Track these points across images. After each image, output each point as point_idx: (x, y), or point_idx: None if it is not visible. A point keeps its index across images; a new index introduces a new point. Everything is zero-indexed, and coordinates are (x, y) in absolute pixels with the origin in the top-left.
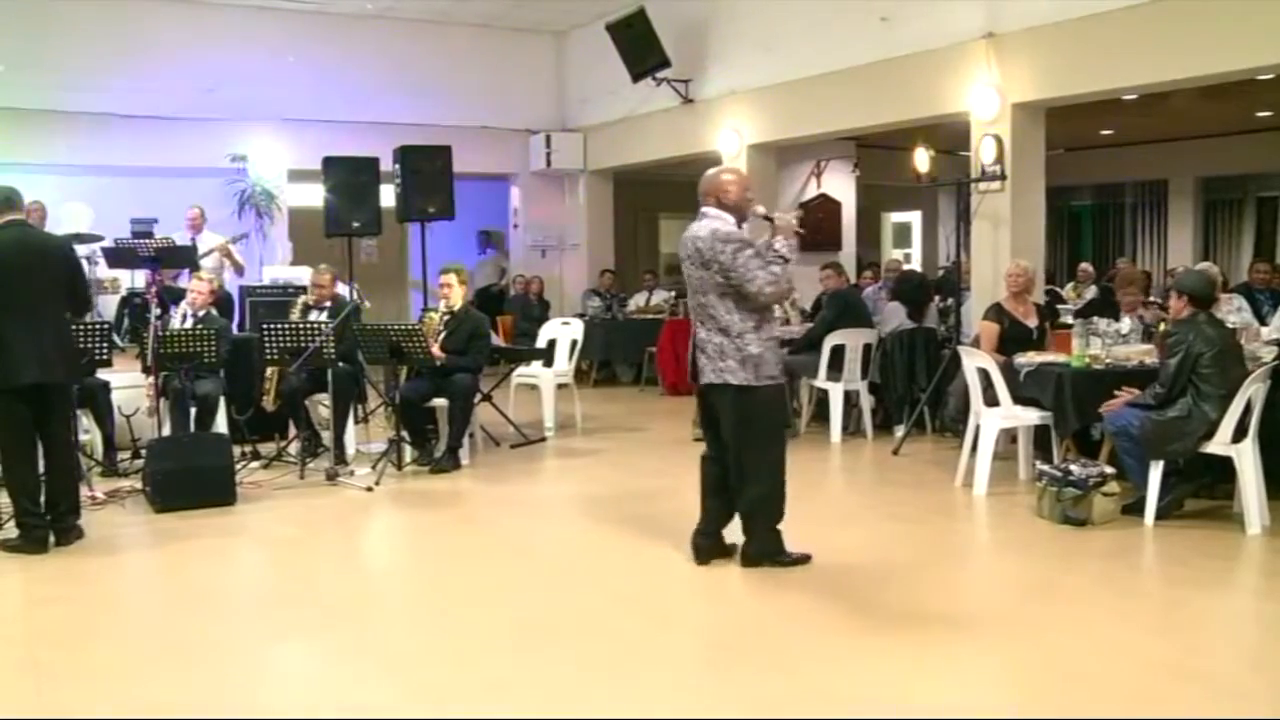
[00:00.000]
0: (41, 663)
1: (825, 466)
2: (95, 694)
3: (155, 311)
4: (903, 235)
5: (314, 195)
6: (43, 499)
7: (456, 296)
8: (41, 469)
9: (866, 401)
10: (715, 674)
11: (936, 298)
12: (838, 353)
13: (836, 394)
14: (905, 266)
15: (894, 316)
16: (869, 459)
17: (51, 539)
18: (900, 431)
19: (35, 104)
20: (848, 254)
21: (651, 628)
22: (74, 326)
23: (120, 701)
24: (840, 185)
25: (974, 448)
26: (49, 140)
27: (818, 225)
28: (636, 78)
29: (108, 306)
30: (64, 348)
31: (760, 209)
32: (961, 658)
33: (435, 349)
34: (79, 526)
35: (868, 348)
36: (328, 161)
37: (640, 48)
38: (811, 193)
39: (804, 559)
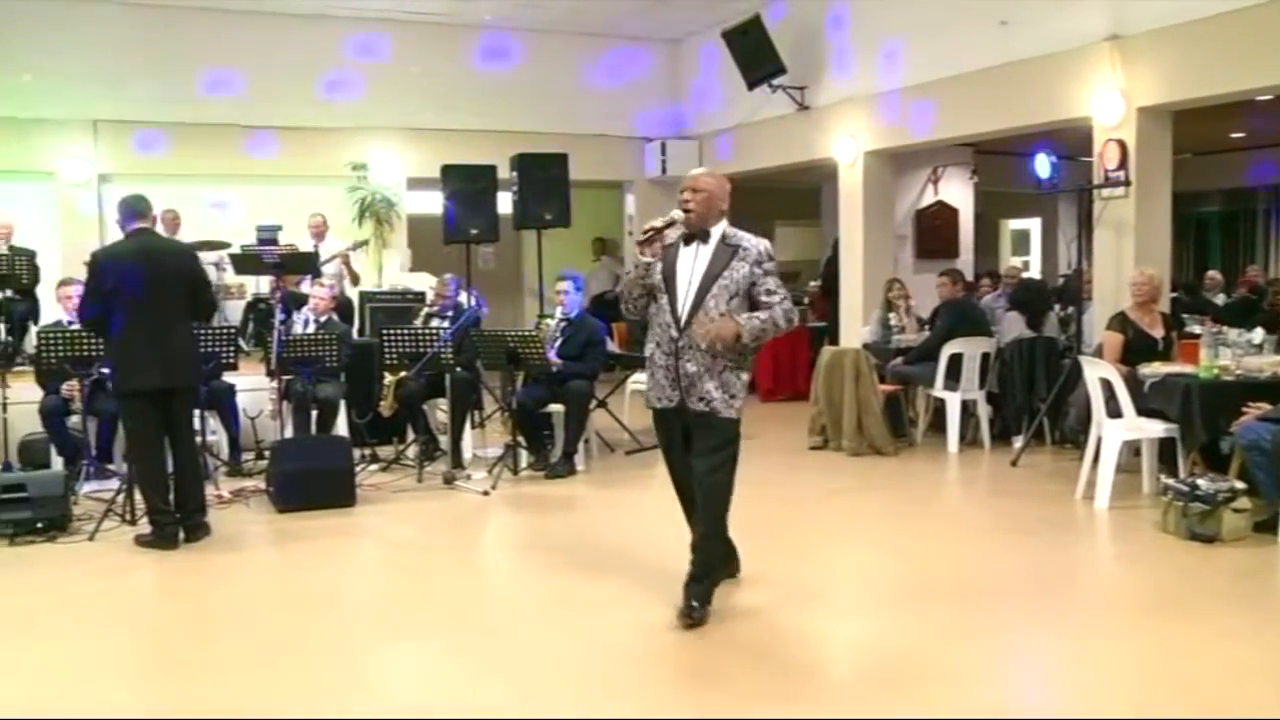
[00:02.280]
0: (173, 653)
1: (941, 477)
2: (220, 685)
3: (279, 316)
4: (1021, 242)
5: (432, 203)
6: (172, 497)
7: (572, 303)
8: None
9: (984, 411)
10: (826, 687)
11: (1057, 306)
12: (955, 362)
13: (954, 403)
14: (1024, 274)
15: (1013, 325)
16: (986, 470)
17: (181, 535)
18: (1019, 442)
19: (169, 116)
20: (965, 262)
21: (766, 638)
22: (201, 331)
23: (242, 692)
24: (957, 192)
25: (1095, 460)
26: (181, 150)
27: (935, 233)
28: (752, 85)
29: (234, 311)
30: (187, 353)
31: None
32: (1080, 675)
33: (550, 355)
34: (206, 524)
35: (985, 357)
36: (446, 169)
37: (756, 55)
38: (929, 200)
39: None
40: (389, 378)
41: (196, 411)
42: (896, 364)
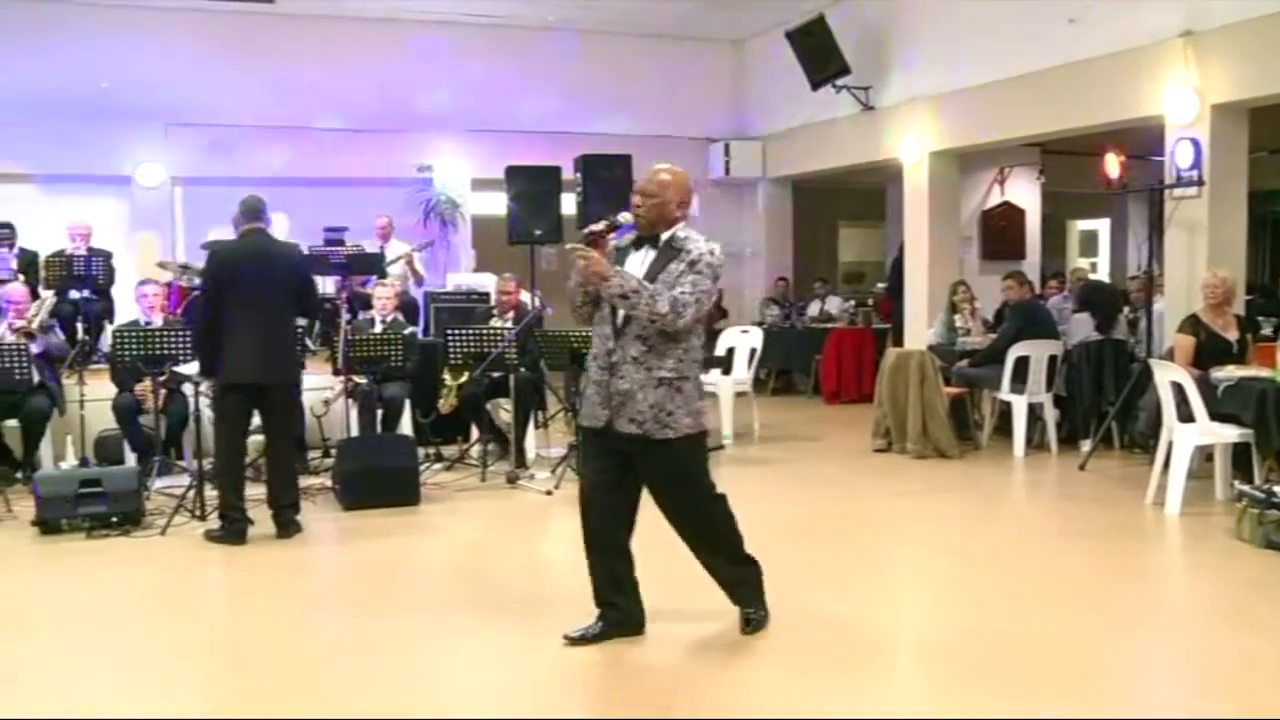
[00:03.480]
0: (241, 647)
1: (1007, 480)
2: (288, 680)
3: (345, 316)
4: (1089, 244)
5: (497, 204)
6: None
7: None
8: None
9: (1051, 415)
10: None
11: (1126, 308)
12: (1021, 364)
13: (1020, 406)
14: (1091, 276)
15: (1081, 327)
16: (1053, 474)
17: (249, 530)
18: (1086, 446)
19: (239, 119)
20: (1031, 263)
21: (835, 640)
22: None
23: (307, 687)
24: (1024, 192)
25: (1166, 465)
26: (252, 153)
27: (1000, 234)
28: (816, 85)
29: None
30: (286, 351)
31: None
32: (1148, 682)
33: None
34: (298, 521)
35: (1053, 359)
36: (510, 171)
37: (820, 55)
38: (994, 200)
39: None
40: (450, 377)
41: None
42: (962, 366)
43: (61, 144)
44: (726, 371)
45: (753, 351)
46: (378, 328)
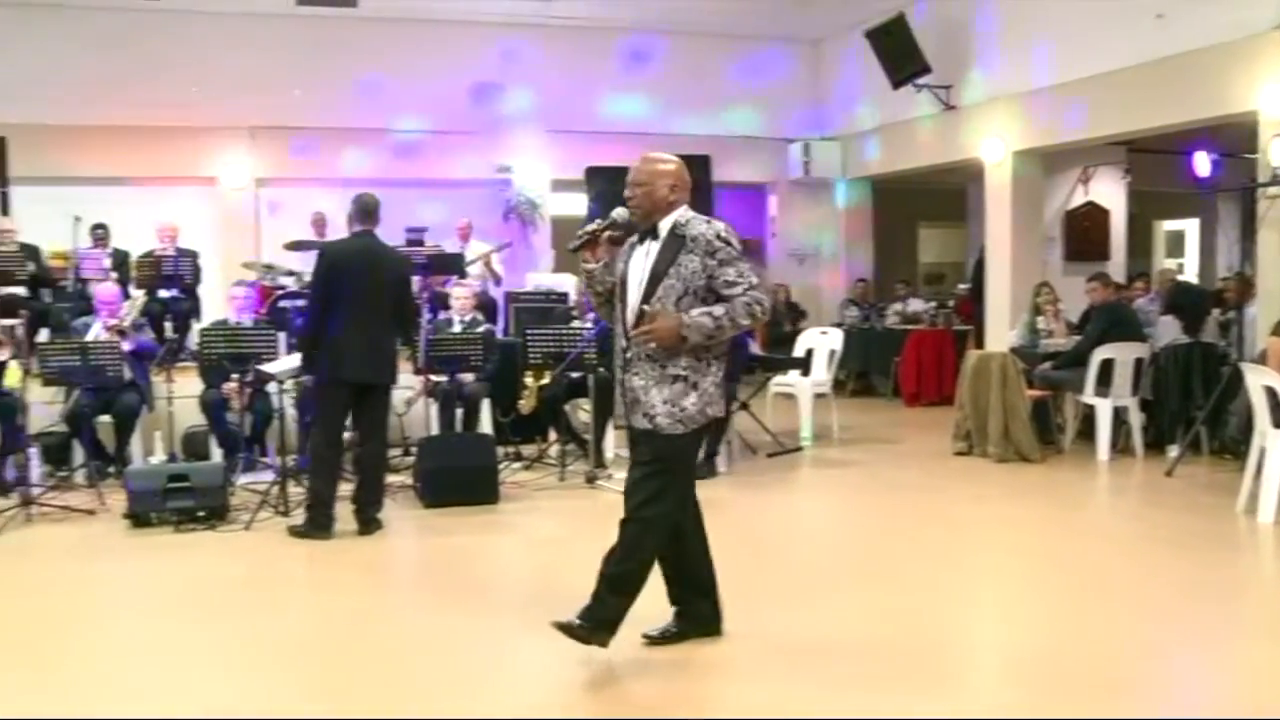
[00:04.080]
0: (325, 644)
1: (1091, 485)
2: (366, 674)
3: (426, 316)
4: (1176, 244)
5: (577, 204)
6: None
7: None
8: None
9: (1137, 419)
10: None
11: (1215, 310)
12: (1106, 367)
13: (1104, 410)
14: (1179, 277)
15: (1168, 330)
16: (1139, 479)
17: (333, 526)
18: (1174, 451)
19: (321, 122)
20: (1116, 264)
21: (913, 644)
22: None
23: (387, 681)
24: (1109, 192)
25: (1258, 472)
26: (335, 155)
27: (1085, 234)
28: (897, 85)
29: None
30: (387, 352)
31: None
32: (1232, 700)
33: None
34: (379, 519)
35: (1139, 362)
36: (590, 171)
37: (900, 54)
38: (1079, 200)
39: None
40: (530, 377)
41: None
42: (1044, 369)
43: (151, 147)
44: (806, 373)
45: (832, 353)
46: (456, 327)
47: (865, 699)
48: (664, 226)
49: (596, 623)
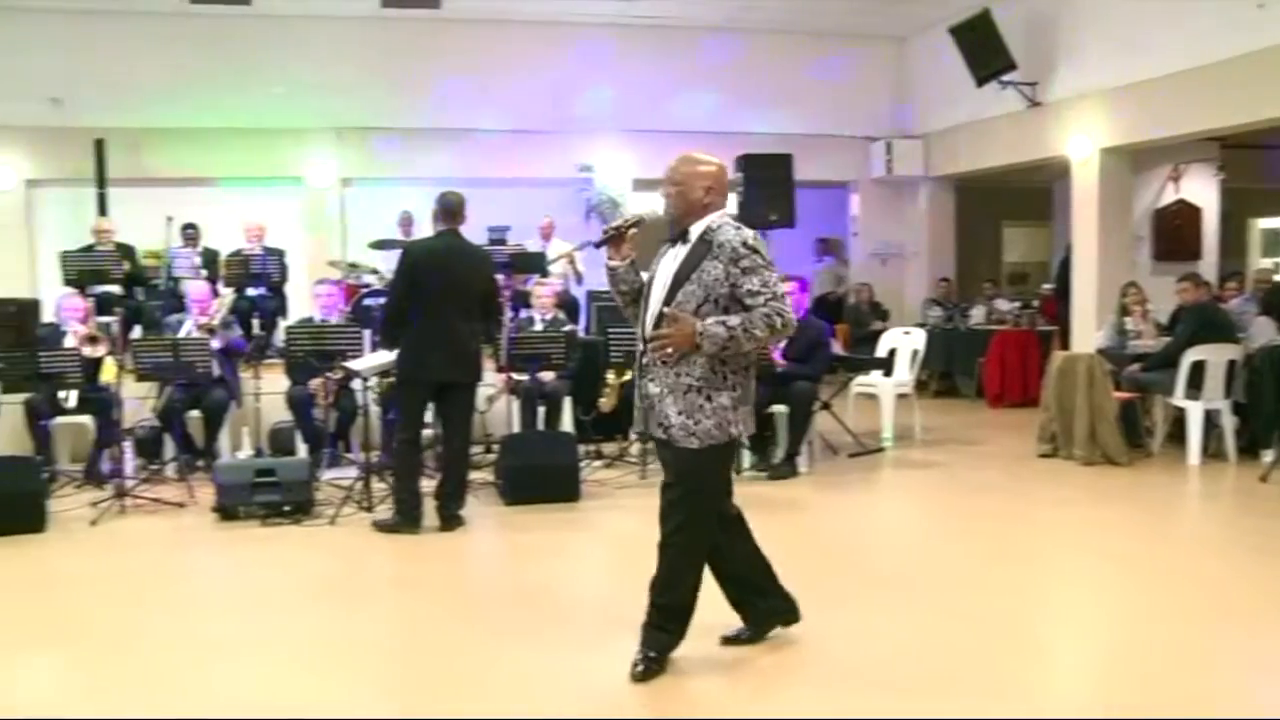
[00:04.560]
0: (406, 641)
1: (1180, 490)
2: (447, 672)
3: (508, 314)
4: (1273, 243)
5: (658, 203)
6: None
7: (797, 305)
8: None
9: (1229, 422)
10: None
11: None
12: (1197, 369)
13: (1195, 413)
14: (1276, 277)
15: (1264, 331)
16: (1231, 485)
17: (421, 521)
18: (1269, 456)
19: (405, 122)
20: (1208, 264)
21: (995, 648)
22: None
23: (466, 679)
24: (1200, 189)
25: None
26: (419, 155)
27: (1175, 233)
28: (981, 81)
29: None
30: (470, 350)
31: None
32: None
33: (775, 356)
34: (461, 516)
35: (1232, 364)
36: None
37: (984, 50)
38: (1169, 198)
39: None
40: (612, 375)
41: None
42: (1133, 370)
43: (241, 148)
44: (888, 373)
45: (915, 353)
46: (538, 325)
47: (944, 704)
48: (695, 231)
49: (662, 651)
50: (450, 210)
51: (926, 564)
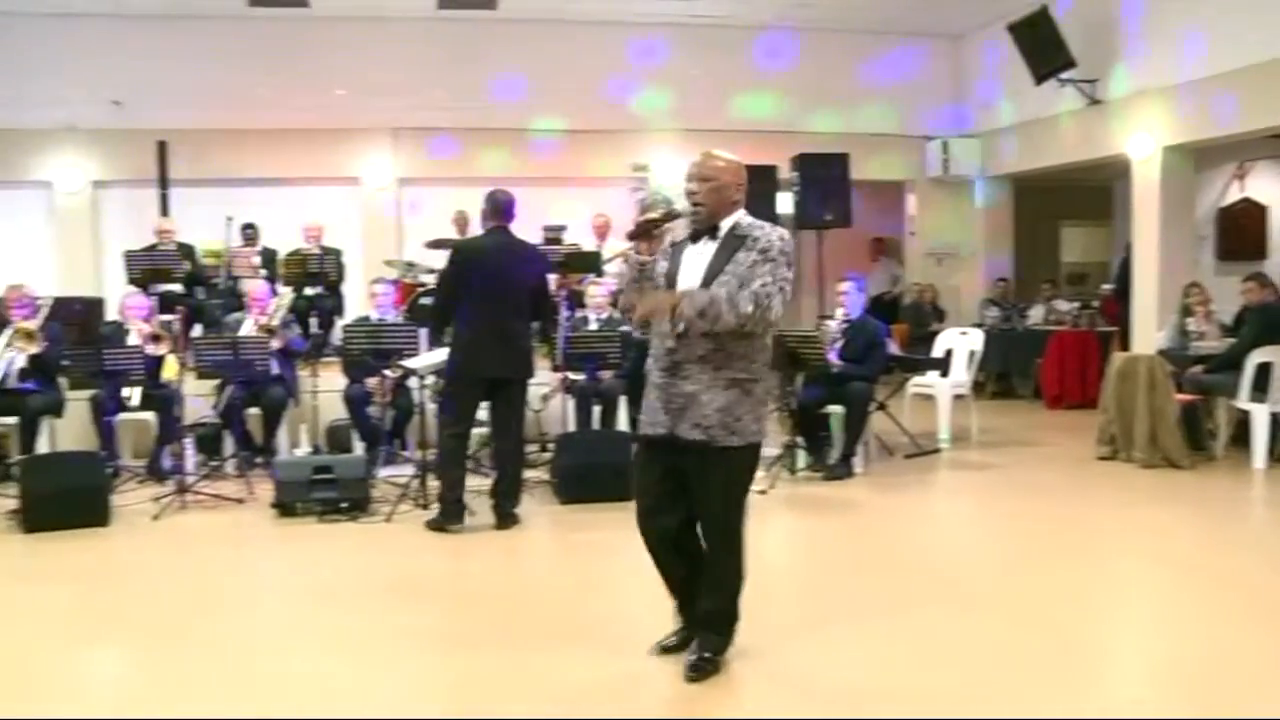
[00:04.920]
0: (459, 634)
1: (1244, 495)
2: (500, 669)
3: (564, 314)
4: None
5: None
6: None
7: (854, 305)
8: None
9: None
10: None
11: None
12: (1263, 371)
13: (1261, 416)
14: None
15: None
16: None
17: (467, 519)
18: None
19: (460, 122)
20: (1274, 264)
21: (1052, 651)
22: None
23: (519, 676)
24: (1267, 187)
25: None
26: (471, 153)
27: (1239, 232)
28: (1040, 79)
29: None
30: (521, 348)
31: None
32: None
33: (832, 356)
34: (516, 514)
35: None
36: None
37: (1043, 48)
38: (1233, 197)
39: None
40: None
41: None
42: (1195, 372)
43: (299, 149)
44: (945, 373)
45: (972, 354)
46: (593, 325)
47: (1002, 709)
48: (724, 226)
49: (716, 652)
50: (499, 208)
51: (983, 566)
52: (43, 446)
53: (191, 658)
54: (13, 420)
